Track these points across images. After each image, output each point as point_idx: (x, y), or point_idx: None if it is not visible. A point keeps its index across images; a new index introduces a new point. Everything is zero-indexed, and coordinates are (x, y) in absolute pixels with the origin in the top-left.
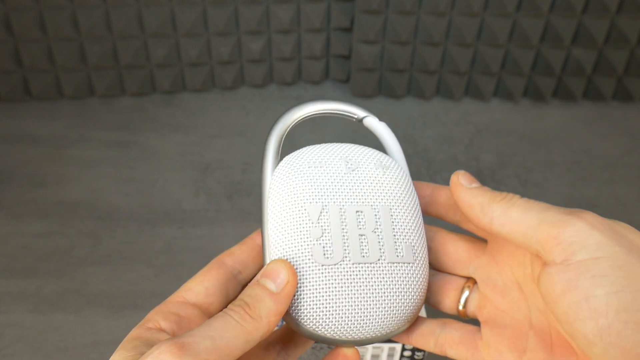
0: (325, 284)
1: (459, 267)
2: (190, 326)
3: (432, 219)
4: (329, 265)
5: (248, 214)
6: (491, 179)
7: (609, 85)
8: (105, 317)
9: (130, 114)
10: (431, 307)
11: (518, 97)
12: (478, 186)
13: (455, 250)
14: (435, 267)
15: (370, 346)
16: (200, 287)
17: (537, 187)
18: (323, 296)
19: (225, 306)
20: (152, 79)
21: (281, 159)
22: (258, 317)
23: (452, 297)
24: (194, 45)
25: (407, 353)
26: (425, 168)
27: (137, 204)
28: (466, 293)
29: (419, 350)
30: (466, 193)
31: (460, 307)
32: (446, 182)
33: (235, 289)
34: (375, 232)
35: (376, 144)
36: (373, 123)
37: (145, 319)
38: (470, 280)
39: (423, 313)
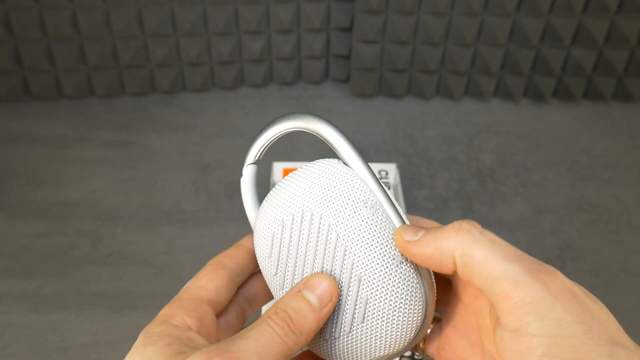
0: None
1: None
2: (207, 324)
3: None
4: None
5: None
6: (491, 179)
7: (609, 85)
8: (105, 317)
9: (130, 114)
10: None
11: (518, 97)
12: (425, 232)
13: None
14: None
15: None
16: (212, 285)
17: (537, 187)
18: None
19: (228, 303)
20: (152, 79)
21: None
22: (300, 333)
23: None
24: (194, 45)
25: (406, 353)
26: (426, 168)
27: (137, 204)
28: (428, 331)
29: None
30: (417, 246)
31: (421, 344)
32: (446, 181)
33: (236, 288)
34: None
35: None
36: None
37: (166, 315)
38: (435, 319)
39: None
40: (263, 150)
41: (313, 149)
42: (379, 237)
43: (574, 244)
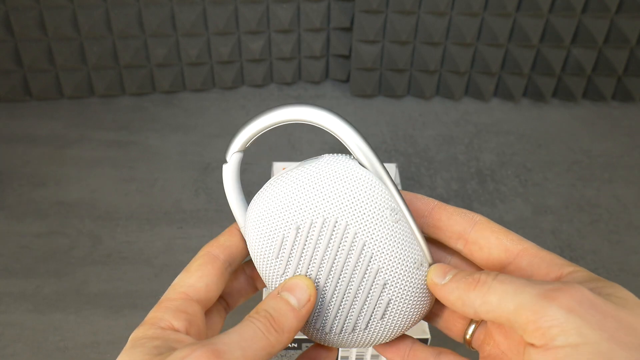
0: None
1: None
2: (197, 324)
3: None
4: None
5: None
6: (491, 179)
7: (609, 85)
8: (105, 317)
9: (130, 114)
10: (439, 329)
11: (518, 97)
12: (451, 277)
13: None
14: None
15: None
16: (201, 283)
17: (537, 187)
18: None
19: (217, 298)
20: (152, 79)
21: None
22: (281, 331)
23: (459, 327)
24: (194, 45)
25: None
26: (426, 168)
27: (137, 204)
28: (472, 327)
29: None
30: (443, 291)
31: (467, 336)
32: (446, 182)
33: (226, 281)
34: None
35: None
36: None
37: (153, 317)
38: None
39: (427, 332)
40: (253, 138)
41: (313, 148)
42: (405, 245)
43: (574, 244)
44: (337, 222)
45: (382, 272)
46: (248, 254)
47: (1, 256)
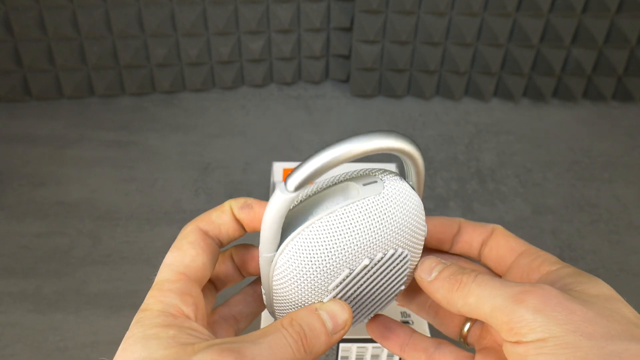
0: None
1: None
2: (202, 307)
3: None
4: None
5: None
6: (491, 179)
7: (609, 85)
8: (105, 317)
9: (130, 114)
10: (435, 327)
11: (518, 97)
12: (437, 274)
13: None
14: None
15: (370, 346)
16: (198, 262)
17: (537, 187)
18: None
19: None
20: (152, 78)
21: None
22: (309, 352)
23: (456, 322)
24: (194, 45)
25: None
26: (425, 168)
27: (137, 204)
28: (468, 324)
29: None
30: (429, 289)
31: (465, 331)
32: (446, 181)
33: (217, 258)
34: None
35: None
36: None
37: (160, 302)
38: None
39: (427, 332)
40: (327, 171)
41: (313, 149)
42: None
43: (574, 244)
44: (402, 252)
45: (404, 285)
46: (237, 237)
47: (1, 256)
